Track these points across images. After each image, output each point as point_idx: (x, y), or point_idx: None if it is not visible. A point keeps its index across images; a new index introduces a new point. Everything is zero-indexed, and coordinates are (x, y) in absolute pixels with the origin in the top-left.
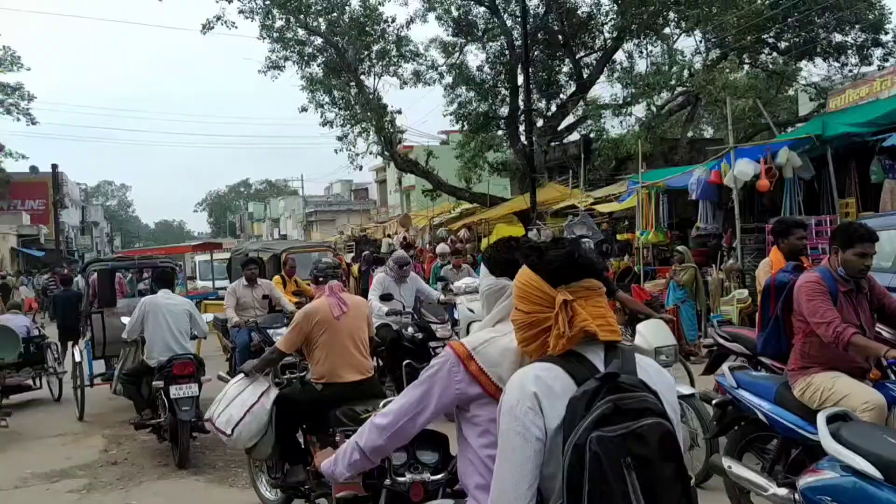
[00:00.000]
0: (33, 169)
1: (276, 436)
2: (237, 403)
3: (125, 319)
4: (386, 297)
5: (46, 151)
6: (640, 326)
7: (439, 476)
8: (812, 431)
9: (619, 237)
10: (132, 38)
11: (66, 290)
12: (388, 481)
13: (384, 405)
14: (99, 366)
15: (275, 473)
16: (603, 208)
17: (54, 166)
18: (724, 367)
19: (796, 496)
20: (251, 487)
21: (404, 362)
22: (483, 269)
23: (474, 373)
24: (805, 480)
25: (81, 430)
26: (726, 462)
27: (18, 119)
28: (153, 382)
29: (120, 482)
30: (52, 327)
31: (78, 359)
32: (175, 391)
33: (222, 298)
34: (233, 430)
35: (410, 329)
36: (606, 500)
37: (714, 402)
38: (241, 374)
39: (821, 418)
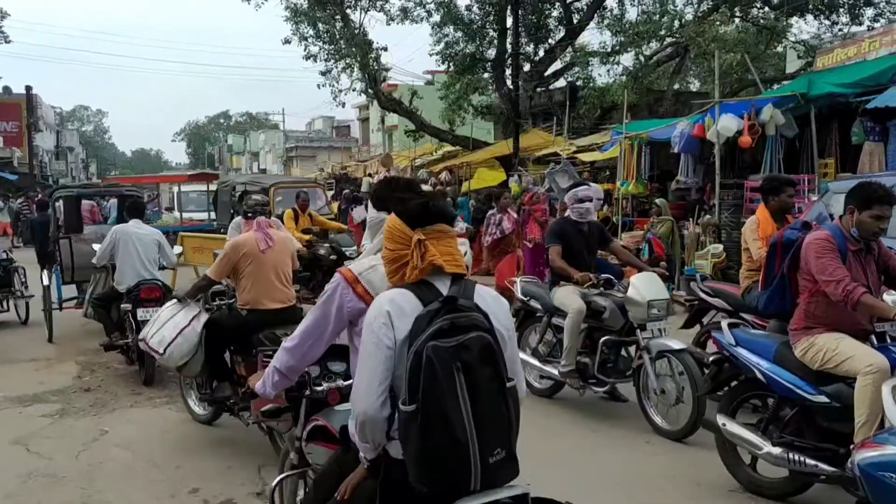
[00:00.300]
0: (6, 90)
1: (205, 356)
2: (170, 326)
3: (96, 247)
4: None
5: (20, 73)
6: (633, 279)
7: (349, 381)
8: (811, 392)
9: (599, 187)
10: None
11: (43, 215)
12: (307, 391)
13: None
14: (70, 290)
15: (204, 390)
16: (585, 157)
17: (28, 87)
18: (723, 323)
19: (851, 470)
20: (227, 415)
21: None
22: (370, 204)
23: (360, 293)
24: (863, 455)
25: (54, 356)
26: (721, 419)
27: None
28: (121, 305)
29: (93, 409)
30: (29, 252)
31: (46, 282)
32: (142, 314)
33: (216, 231)
34: (165, 350)
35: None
36: (438, 395)
37: (710, 359)
38: (175, 300)
39: (886, 389)
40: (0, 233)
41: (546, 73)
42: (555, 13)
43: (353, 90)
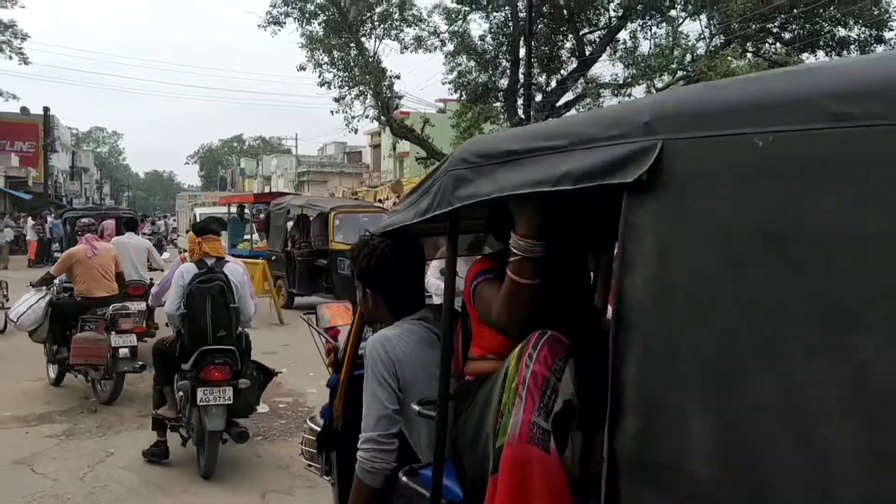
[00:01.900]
0: (24, 110)
1: (50, 326)
2: (25, 303)
3: None
4: None
5: (38, 93)
6: None
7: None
8: None
9: None
10: None
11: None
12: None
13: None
14: None
15: (52, 354)
16: None
17: (46, 109)
18: None
19: None
20: (230, 441)
21: None
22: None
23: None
24: None
25: (76, 383)
26: None
27: (11, 58)
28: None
29: (99, 430)
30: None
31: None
32: (130, 305)
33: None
34: (17, 319)
35: None
36: (195, 306)
37: None
38: (31, 286)
39: None
40: (31, 255)
41: (558, 104)
42: (567, 45)
43: (366, 117)
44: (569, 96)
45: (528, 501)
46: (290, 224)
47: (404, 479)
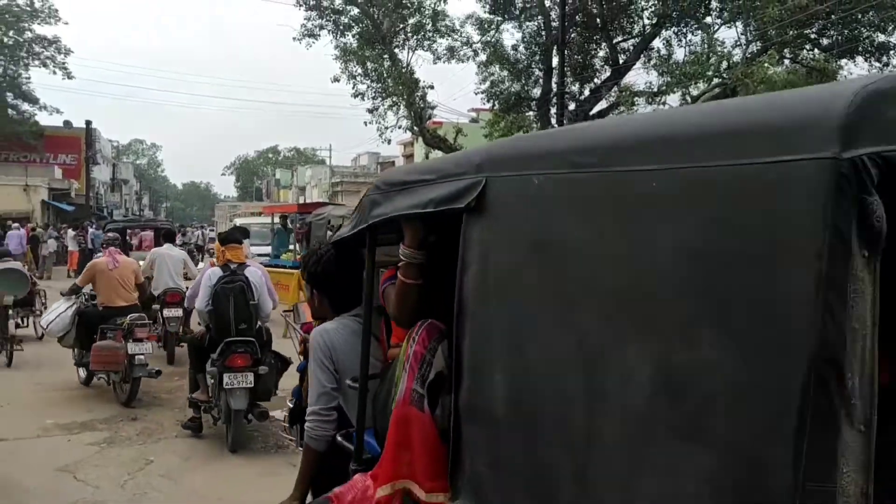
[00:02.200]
0: (67, 123)
1: (77, 333)
2: (54, 312)
3: (142, 262)
4: None
5: (80, 106)
6: None
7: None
8: None
9: None
10: None
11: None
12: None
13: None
14: None
15: (79, 358)
16: None
17: (88, 122)
18: None
19: None
20: (265, 450)
21: None
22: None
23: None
24: None
25: (103, 384)
26: None
27: (54, 73)
28: (153, 305)
29: (139, 437)
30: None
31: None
32: (167, 312)
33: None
34: (48, 326)
35: None
36: (220, 304)
37: None
38: (61, 295)
39: None
40: (73, 265)
41: (591, 112)
42: (601, 53)
43: (399, 127)
44: (602, 105)
45: (409, 448)
46: (329, 234)
47: (339, 439)
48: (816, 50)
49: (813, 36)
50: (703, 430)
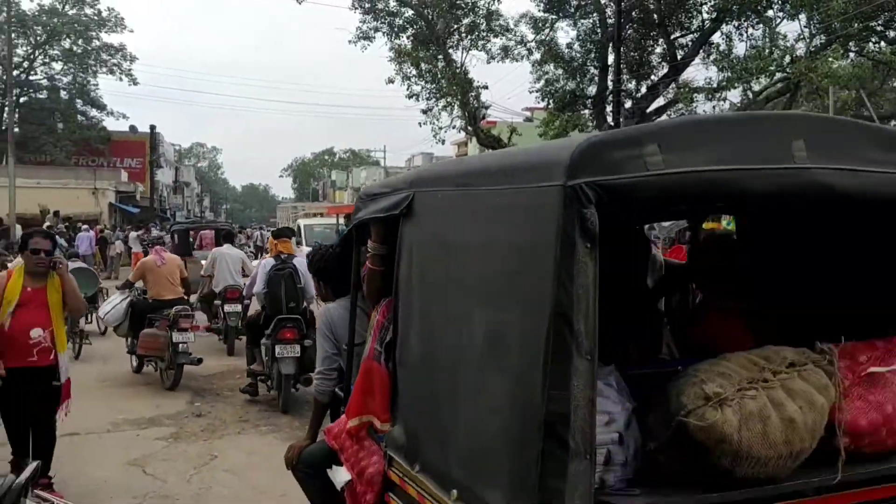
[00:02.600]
0: (132, 128)
1: (130, 323)
2: (110, 304)
3: (203, 262)
4: None
5: (144, 111)
6: None
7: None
8: None
9: (704, 225)
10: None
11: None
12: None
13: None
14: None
15: (131, 347)
16: None
17: (152, 127)
18: None
19: None
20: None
21: None
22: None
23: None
24: None
25: (156, 374)
26: None
27: (120, 79)
28: (214, 301)
29: (204, 433)
30: None
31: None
32: (228, 307)
33: None
34: (104, 316)
35: None
36: (273, 287)
37: None
38: (116, 290)
39: None
40: (133, 263)
41: (648, 110)
42: (658, 49)
43: (453, 127)
44: (660, 102)
45: (371, 392)
46: None
47: (336, 390)
48: (883, 42)
49: (879, 28)
50: (506, 361)
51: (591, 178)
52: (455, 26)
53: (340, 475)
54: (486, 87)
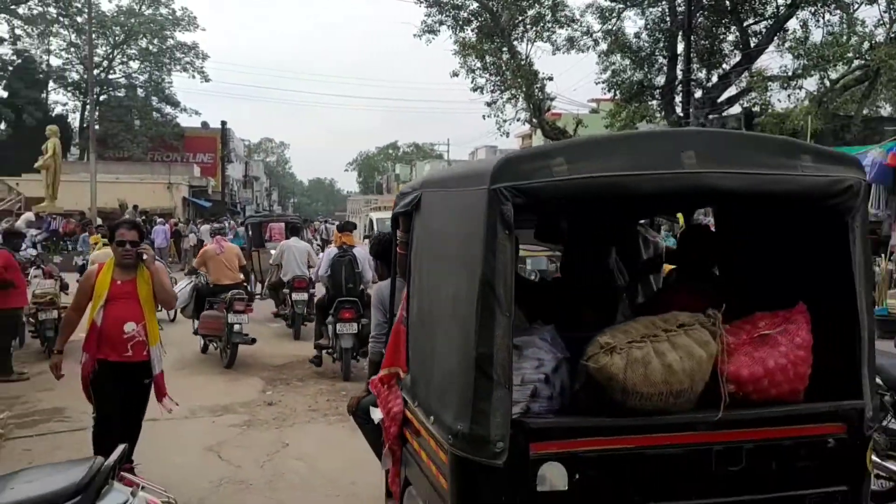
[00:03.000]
0: (204, 125)
1: (195, 305)
2: (178, 288)
3: (273, 252)
4: None
5: (215, 107)
6: None
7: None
8: None
9: None
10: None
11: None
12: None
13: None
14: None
15: (195, 327)
16: None
17: (223, 123)
18: None
19: None
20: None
21: None
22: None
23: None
24: None
25: (241, 371)
26: None
27: (193, 76)
28: (282, 290)
29: (275, 421)
30: None
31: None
32: (296, 296)
33: None
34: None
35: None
36: (335, 271)
37: None
38: (184, 275)
39: None
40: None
41: (719, 100)
42: (730, 37)
43: (518, 119)
44: (731, 91)
45: (399, 348)
46: None
47: (383, 350)
48: None
49: None
50: (458, 317)
51: (507, 184)
52: (520, 18)
53: (376, 414)
54: (550, 79)
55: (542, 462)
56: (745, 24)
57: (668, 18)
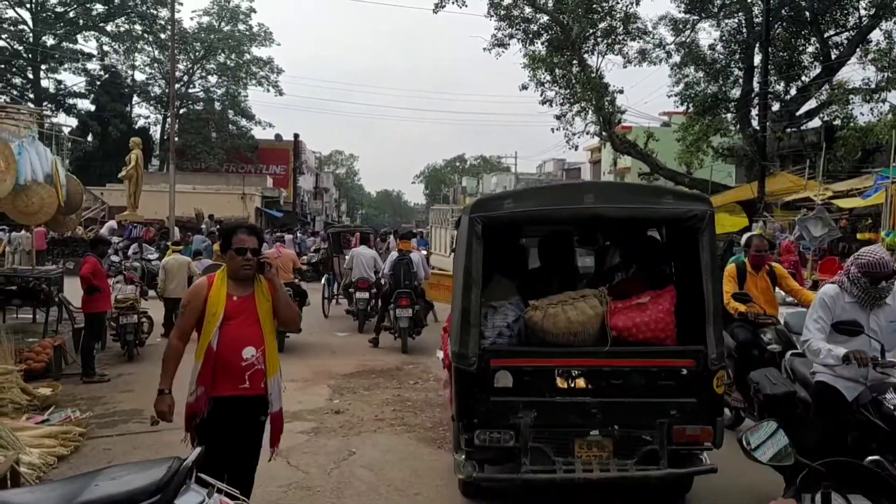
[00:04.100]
0: (277, 137)
1: None
2: None
3: (347, 258)
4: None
5: (287, 120)
6: None
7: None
8: None
9: (859, 236)
10: (367, 14)
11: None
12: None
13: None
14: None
15: None
16: (843, 203)
17: (296, 135)
18: None
19: None
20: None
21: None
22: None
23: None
24: None
25: (310, 378)
26: None
27: (268, 90)
28: (349, 289)
29: (342, 429)
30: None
31: (322, 282)
32: (358, 294)
33: None
34: None
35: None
36: (395, 272)
37: None
38: None
39: None
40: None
41: (798, 113)
42: (810, 48)
43: (587, 133)
44: (811, 104)
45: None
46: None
47: None
48: None
49: None
50: (458, 287)
51: (478, 214)
52: (591, 31)
53: (440, 354)
54: (621, 92)
55: (497, 370)
56: (826, 35)
57: (744, 30)
